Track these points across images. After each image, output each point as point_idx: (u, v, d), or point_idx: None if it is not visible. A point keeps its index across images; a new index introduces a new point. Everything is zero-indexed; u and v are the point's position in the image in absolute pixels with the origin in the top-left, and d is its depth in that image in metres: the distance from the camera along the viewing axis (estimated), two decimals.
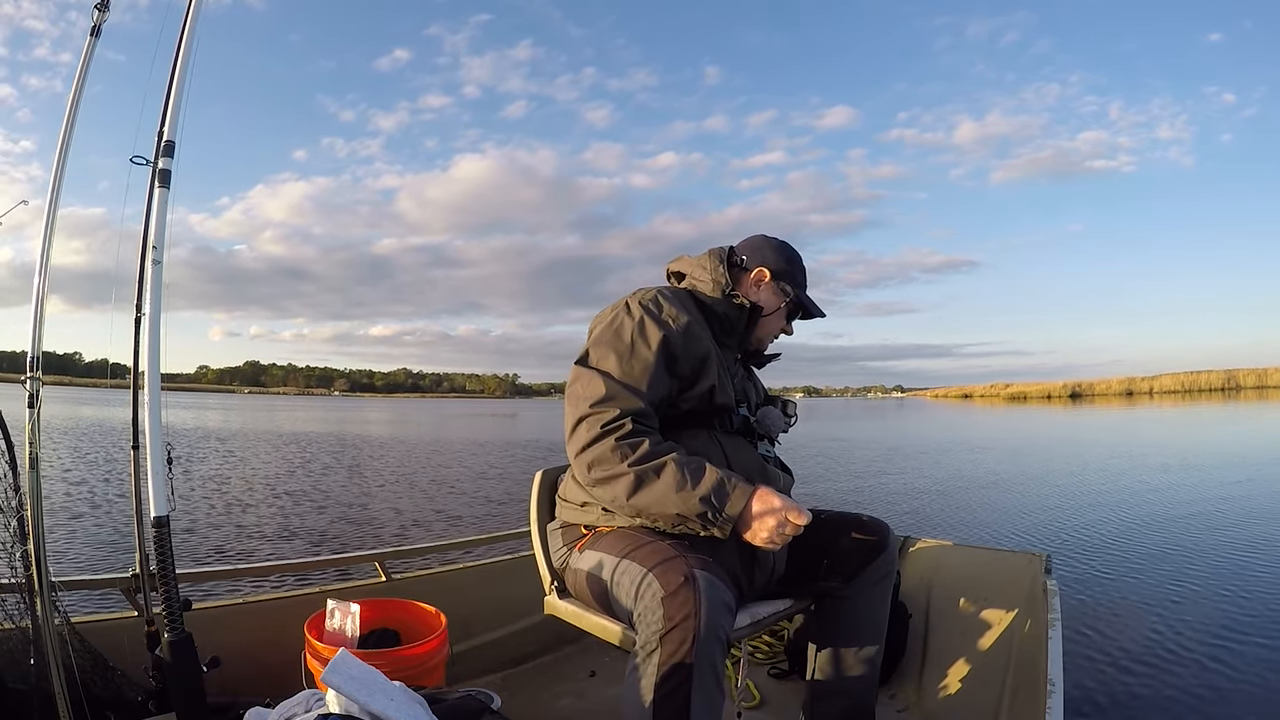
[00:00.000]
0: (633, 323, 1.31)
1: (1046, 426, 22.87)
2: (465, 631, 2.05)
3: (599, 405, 1.24)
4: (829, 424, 24.07)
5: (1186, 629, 3.07)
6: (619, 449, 1.20)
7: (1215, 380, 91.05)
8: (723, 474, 1.20)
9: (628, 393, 1.25)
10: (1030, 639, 1.61)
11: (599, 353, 1.30)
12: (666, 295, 1.36)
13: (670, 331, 1.30)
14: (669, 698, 1.04)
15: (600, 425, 1.22)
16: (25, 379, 1.49)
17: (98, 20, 1.73)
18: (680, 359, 1.31)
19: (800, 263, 1.55)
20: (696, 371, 1.33)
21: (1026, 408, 53.37)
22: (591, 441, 1.22)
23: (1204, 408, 32.39)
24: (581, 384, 1.28)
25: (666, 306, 1.33)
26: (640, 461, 1.19)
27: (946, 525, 5.81)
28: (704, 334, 1.37)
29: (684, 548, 1.19)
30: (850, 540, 1.46)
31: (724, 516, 1.18)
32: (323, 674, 1.13)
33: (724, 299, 1.45)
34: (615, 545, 1.26)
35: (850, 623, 1.46)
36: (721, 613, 1.09)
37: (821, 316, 1.58)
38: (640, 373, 1.27)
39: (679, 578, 1.10)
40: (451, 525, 5.86)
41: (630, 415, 1.23)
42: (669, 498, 1.18)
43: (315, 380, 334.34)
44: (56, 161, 1.63)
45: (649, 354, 1.28)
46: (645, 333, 1.29)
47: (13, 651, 1.36)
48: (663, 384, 1.29)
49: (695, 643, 1.05)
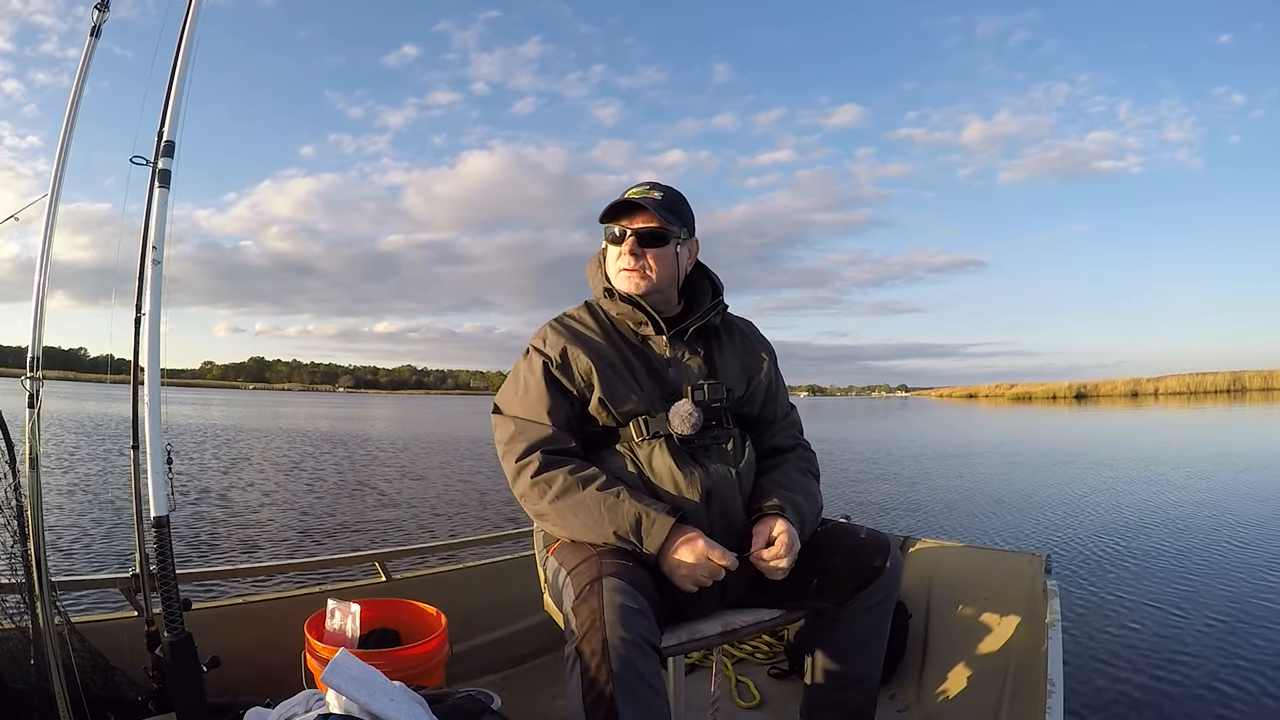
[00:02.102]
0: (525, 361, 1.39)
1: (1052, 427, 22.87)
2: (465, 631, 2.05)
3: (510, 442, 1.32)
4: (832, 424, 24.06)
5: (1187, 629, 3.07)
6: (536, 486, 1.26)
7: (1221, 382, 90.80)
8: (642, 508, 1.20)
9: (531, 425, 1.32)
10: (1030, 639, 1.61)
11: (503, 398, 1.40)
12: (553, 326, 1.41)
13: (549, 359, 1.35)
14: (597, 706, 1.04)
15: (514, 462, 1.30)
16: (25, 378, 1.49)
17: (98, 20, 1.73)
18: (564, 379, 1.34)
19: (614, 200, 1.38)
20: (584, 388, 1.34)
21: (1032, 408, 53.37)
22: (513, 478, 1.30)
23: (1209, 409, 32.42)
24: (496, 430, 1.37)
25: (550, 336, 1.38)
26: (557, 497, 1.24)
27: (946, 525, 5.80)
28: (588, 348, 1.34)
29: (614, 555, 1.19)
30: (845, 561, 1.33)
31: (644, 553, 1.20)
32: (323, 674, 1.13)
33: (606, 296, 1.40)
34: (565, 554, 1.27)
35: (846, 643, 1.38)
36: (631, 618, 1.07)
37: (624, 203, 1.35)
38: (536, 401, 1.33)
39: (584, 584, 1.12)
40: (451, 525, 5.86)
41: (539, 448, 1.29)
42: (590, 532, 1.23)
43: (320, 377, 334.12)
44: (57, 160, 1.63)
45: (537, 383, 1.34)
46: (532, 366, 1.36)
47: (13, 651, 1.36)
48: (562, 406, 1.33)
49: (606, 652, 1.04)
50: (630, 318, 1.39)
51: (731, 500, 1.32)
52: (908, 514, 6.33)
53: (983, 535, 5.42)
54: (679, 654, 1.29)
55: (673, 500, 1.27)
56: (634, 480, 1.29)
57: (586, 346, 1.35)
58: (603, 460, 1.32)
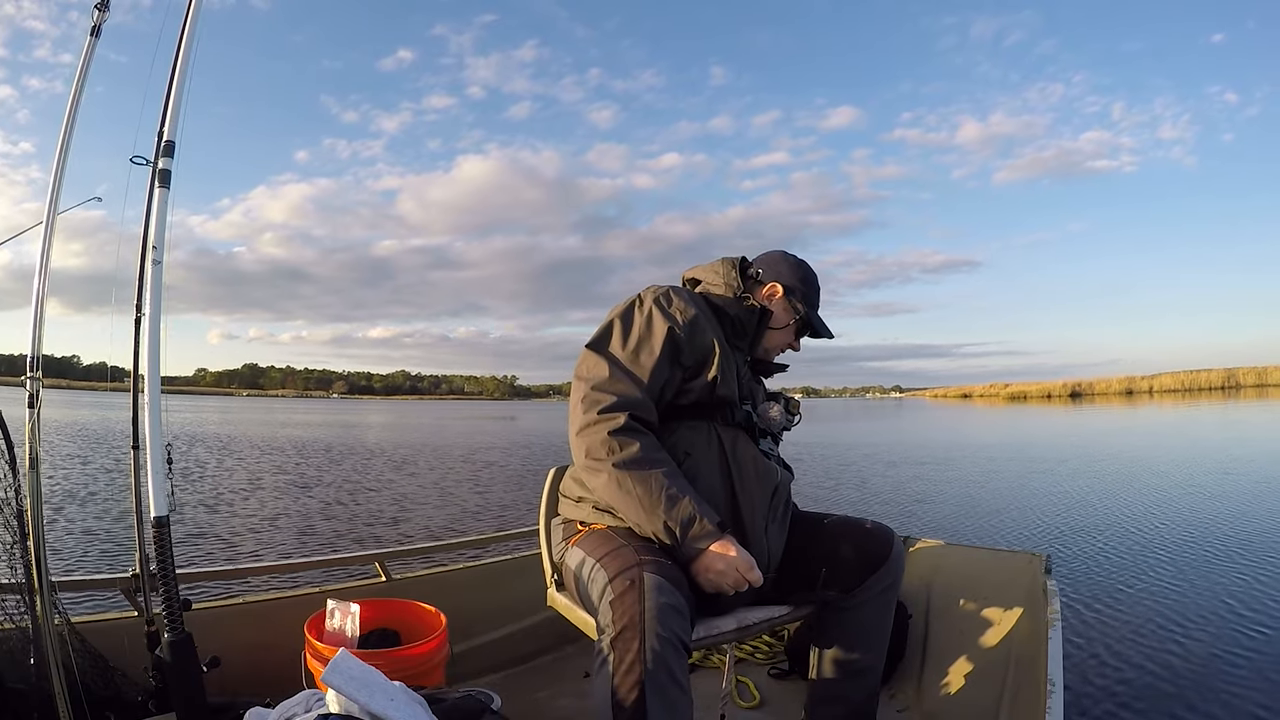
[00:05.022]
0: (642, 313, 1.36)
1: (1050, 426, 22.88)
2: (465, 631, 2.05)
3: (599, 388, 1.29)
4: (828, 426, 24.08)
5: (1187, 628, 3.07)
6: (608, 443, 1.24)
7: (1215, 379, 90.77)
8: (698, 510, 1.21)
9: (628, 380, 1.29)
10: (1030, 639, 1.61)
11: (608, 338, 1.36)
12: (678, 290, 1.41)
13: (676, 323, 1.34)
14: (625, 702, 1.05)
15: (597, 410, 1.27)
16: (25, 379, 1.49)
17: (98, 20, 1.73)
18: (684, 350, 1.34)
19: (815, 282, 1.57)
20: (700, 363, 1.35)
21: (1027, 407, 53.37)
22: (587, 425, 1.27)
23: (1204, 406, 32.43)
24: (587, 365, 1.34)
25: (676, 300, 1.38)
26: (624, 465, 1.23)
27: (946, 525, 5.80)
28: (711, 328, 1.39)
29: (649, 550, 1.20)
30: (851, 549, 1.42)
31: (682, 548, 1.21)
32: (323, 674, 1.13)
33: (735, 300, 1.47)
34: (595, 545, 1.27)
35: (851, 633, 1.44)
36: (670, 617, 1.08)
37: (830, 338, 1.58)
38: (644, 360, 1.31)
39: (626, 582, 1.12)
40: (451, 525, 5.86)
41: (628, 407, 1.27)
42: (638, 510, 1.22)
43: (314, 382, 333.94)
44: (56, 163, 1.63)
45: (654, 343, 1.32)
46: (652, 323, 1.34)
47: (13, 651, 1.36)
48: (664, 374, 1.32)
49: (642, 647, 1.05)
50: (742, 327, 1.46)
51: (788, 505, 1.43)
52: (907, 514, 6.33)
53: (983, 535, 5.42)
54: (696, 649, 1.31)
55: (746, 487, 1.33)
56: (710, 459, 1.33)
57: (712, 325, 1.40)
58: (684, 434, 1.34)
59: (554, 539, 1.47)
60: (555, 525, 1.48)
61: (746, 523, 1.32)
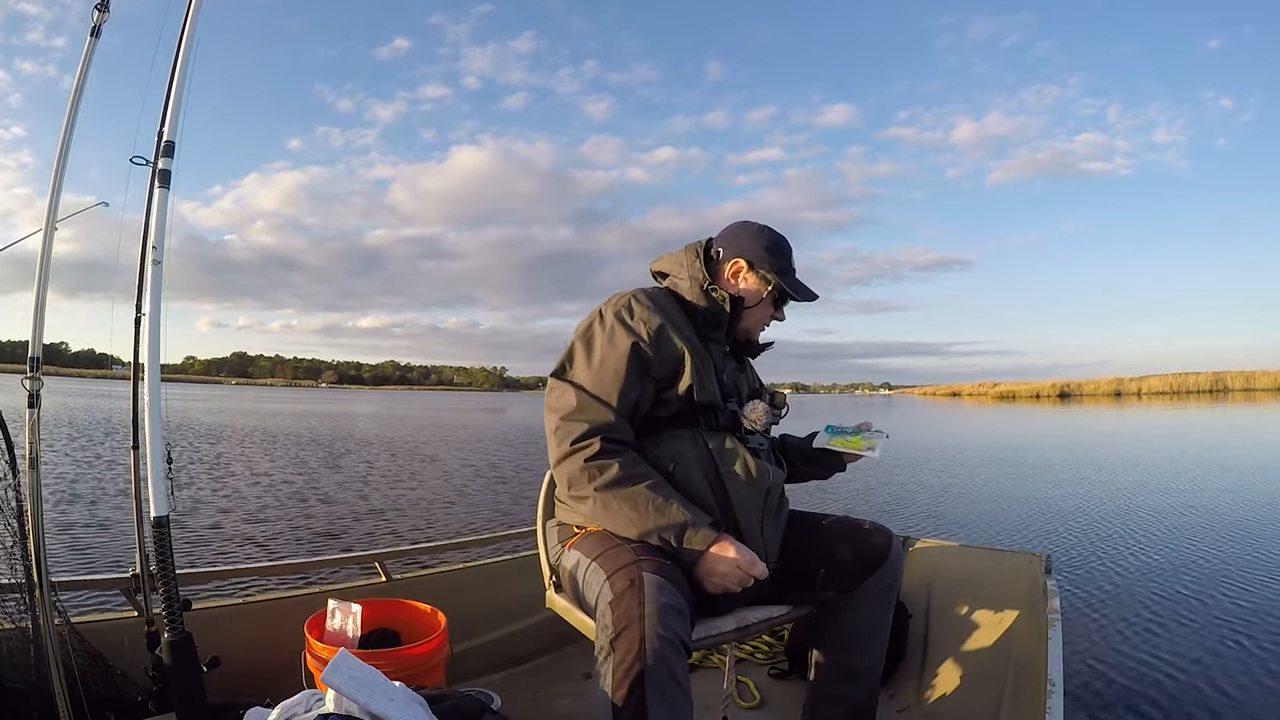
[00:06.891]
0: (604, 331, 1.33)
1: (1046, 425, 22.87)
2: (465, 631, 2.05)
3: (569, 418, 1.28)
4: (818, 422, 24.02)
5: (1187, 628, 3.07)
6: (587, 470, 1.24)
7: (1204, 382, 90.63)
8: (689, 515, 1.21)
9: (597, 404, 1.27)
10: (1030, 639, 1.61)
11: (571, 362, 1.34)
12: (640, 299, 1.36)
13: (640, 337, 1.31)
14: (626, 702, 1.05)
15: (570, 441, 1.26)
16: (25, 378, 1.49)
17: (98, 21, 1.72)
18: (653, 363, 1.31)
19: (783, 246, 1.49)
20: (672, 372, 1.33)
21: (1016, 406, 53.30)
22: (563, 458, 1.27)
23: (1194, 409, 32.41)
24: (555, 395, 1.32)
25: (639, 310, 1.34)
26: (606, 487, 1.22)
27: (946, 525, 5.80)
28: (680, 333, 1.35)
29: (647, 550, 1.19)
30: (849, 550, 1.41)
31: (681, 555, 1.20)
32: (323, 674, 1.13)
33: (703, 294, 1.42)
34: (592, 546, 1.27)
35: (850, 633, 1.44)
36: (670, 616, 1.07)
37: (812, 299, 1.49)
38: (610, 381, 1.28)
39: (625, 582, 1.11)
40: (451, 525, 5.85)
41: (600, 432, 1.26)
42: (629, 527, 1.22)
43: (303, 372, 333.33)
44: (56, 164, 1.63)
45: (619, 361, 1.29)
46: (615, 340, 1.31)
47: (13, 651, 1.36)
48: (634, 391, 1.30)
49: (643, 648, 1.04)
50: (715, 319, 1.42)
51: (782, 501, 1.41)
52: (907, 514, 6.33)
53: (983, 535, 5.42)
54: (696, 650, 1.30)
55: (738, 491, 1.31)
56: (698, 468, 1.30)
57: (679, 330, 1.35)
58: (669, 444, 1.32)
59: (551, 541, 1.46)
60: (551, 528, 1.47)
61: (742, 525, 1.31)
